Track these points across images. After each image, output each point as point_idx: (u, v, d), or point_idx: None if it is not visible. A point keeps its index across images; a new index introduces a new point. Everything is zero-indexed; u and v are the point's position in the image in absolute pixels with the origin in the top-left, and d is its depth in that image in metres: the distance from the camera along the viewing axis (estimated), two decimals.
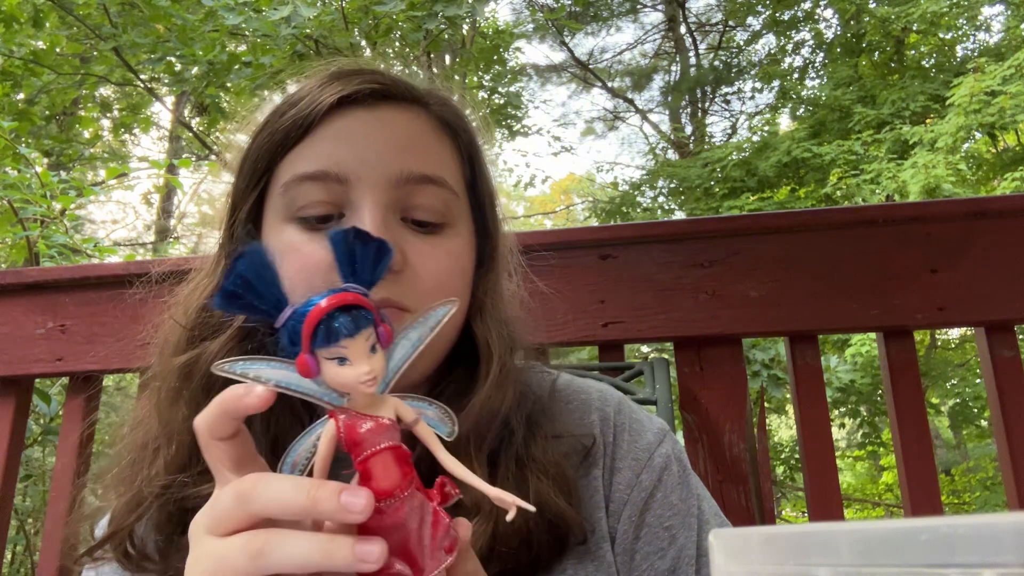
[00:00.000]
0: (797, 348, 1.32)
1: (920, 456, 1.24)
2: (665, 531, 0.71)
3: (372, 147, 0.68)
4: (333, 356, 0.42)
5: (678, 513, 0.72)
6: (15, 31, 5.57)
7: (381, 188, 0.67)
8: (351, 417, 0.44)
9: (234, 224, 0.72)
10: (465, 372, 0.71)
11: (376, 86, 0.71)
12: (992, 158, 9.91)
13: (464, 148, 0.76)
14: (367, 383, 0.42)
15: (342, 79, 0.71)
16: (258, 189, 0.71)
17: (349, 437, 0.43)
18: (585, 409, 0.76)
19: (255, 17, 5.06)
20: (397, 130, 0.71)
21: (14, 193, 3.12)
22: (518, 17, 13.06)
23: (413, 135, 0.71)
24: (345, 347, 0.41)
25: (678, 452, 0.76)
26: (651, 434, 0.76)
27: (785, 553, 0.31)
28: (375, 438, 0.43)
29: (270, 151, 0.70)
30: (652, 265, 1.34)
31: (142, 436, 0.69)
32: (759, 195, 9.53)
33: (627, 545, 0.70)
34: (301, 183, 0.67)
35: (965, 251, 1.30)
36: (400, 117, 0.72)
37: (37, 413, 2.63)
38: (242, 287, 0.42)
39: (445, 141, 0.74)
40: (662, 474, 0.73)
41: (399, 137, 0.70)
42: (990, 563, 0.24)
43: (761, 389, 4.67)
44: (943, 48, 11.31)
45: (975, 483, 9.38)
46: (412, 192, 0.68)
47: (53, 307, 1.47)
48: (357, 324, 0.41)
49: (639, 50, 14.59)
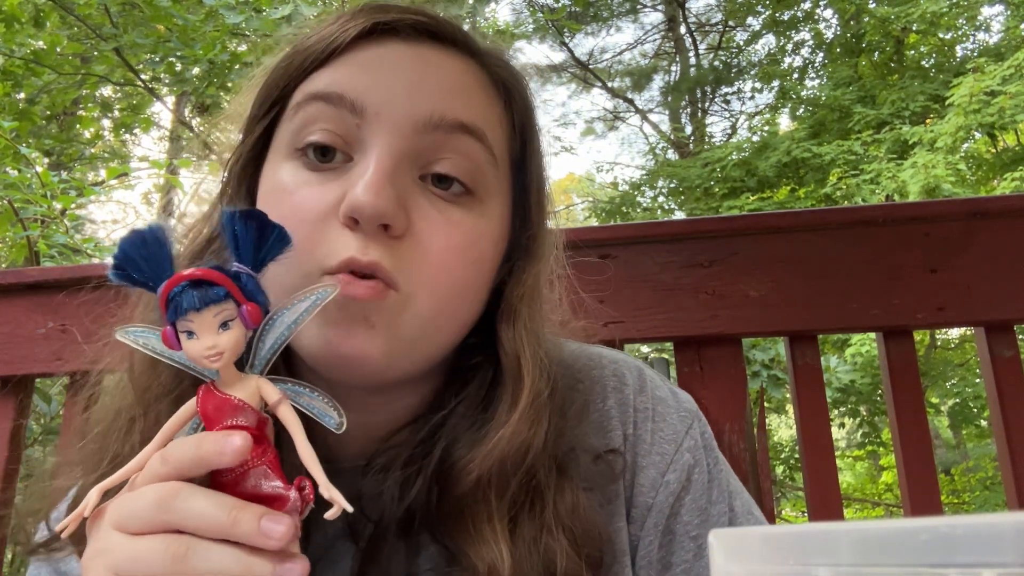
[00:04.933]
0: (797, 348, 1.32)
1: (920, 456, 1.24)
2: (692, 541, 0.61)
3: (402, 80, 0.56)
4: (183, 329, 0.44)
5: (707, 520, 0.62)
6: (16, 31, 5.57)
7: (402, 130, 0.55)
8: (207, 392, 0.46)
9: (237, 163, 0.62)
10: (489, 391, 0.59)
11: (423, 19, 0.59)
12: (992, 158, 9.91)
13: (517, 116, 0.63)
14: (210, 357, 0.43)
15: (381, 10, 0.60)
16: (268, 118, 0.61)
17: (202, 411, 0.45)
18: (600, 393, 0.65)
19: (256, 17, 5.06)
20: (438, 70, 0.58)
21: (14, 193, 3.12)
22: (518, 17, 13.06)
23: (456, 79, 0.59)
24: (191, 320, 0.43)
25: (707, 440, 0.67)
26: (676, 418, 0.66)
27: (785, 553, 0.31)
28: (221, 416, 0.44)
29: (286, 76, 0.60)
30: (652, 265, 1.34)
31: (113, 406, 0.60)
32: (759, 195, 9.53)
33: (652, 557, 0.61)
34: (311, 103, 0.57)
35: (965, 251, 1.30)
36: (445, 59, 0.59)
37: (37, 413, 2.63)
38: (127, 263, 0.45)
39: (495, 100, 0.61)
40: (691, 473, 0.63)
41: (438, 78, 0.58)
42: (990, 563, 0.24)
43: (761, 389, 4.67)
44: (943, 48, 11.30)
45: (975, 483, 9.38)
46: (441, 143, 0.56)
47: (53, 307, 1.47)
48: (204, 299, 0.43)
49: (639, 50, 14.59)
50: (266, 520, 0.41)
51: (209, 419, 0.45)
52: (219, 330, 0.43)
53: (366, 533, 0.57)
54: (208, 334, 0.43)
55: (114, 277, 0.45)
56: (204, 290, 0.43)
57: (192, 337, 0.43)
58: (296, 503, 0.44)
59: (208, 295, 0.43)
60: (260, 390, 0.46)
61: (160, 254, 0.44)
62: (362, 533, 0.57)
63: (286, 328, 0.47)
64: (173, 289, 0.43)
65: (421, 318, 0.55)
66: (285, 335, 0.47)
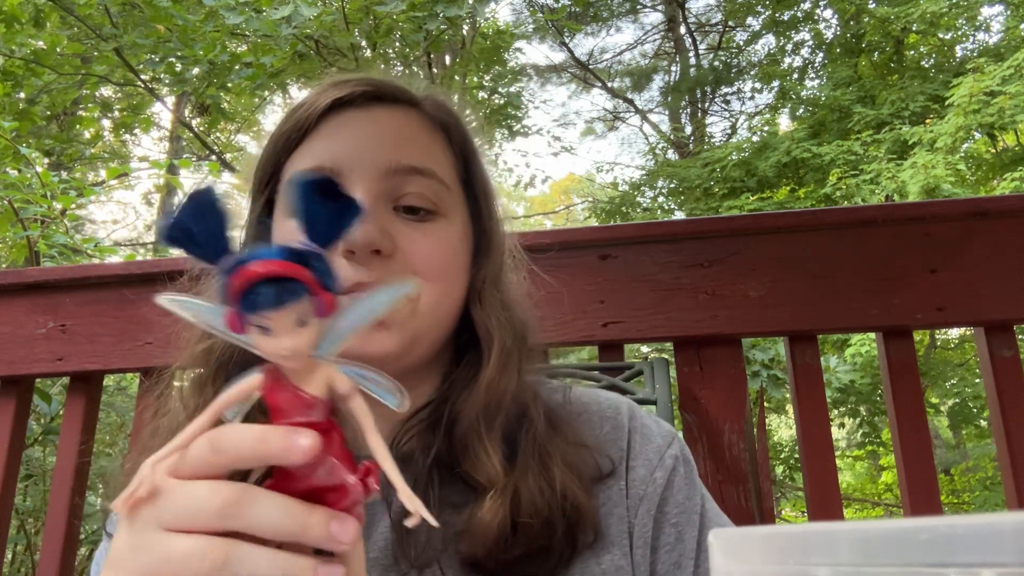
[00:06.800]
0: (797, 348, 1.32)
1: (920, 456, 1.24)
2: (672, 528, 0.73)
3: (363, 142, 0.73)
4: (257, 324, 0.40)
5: (684, 511, 0.74)
6: (16, 31, 5.57)
7: (371, 178, 0.71)
8: (276, 380, 0.43)
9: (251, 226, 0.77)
10: (474, 359, 0.74)
11: (368, 88, 0.76)
12: (991, 158, 9.91)
13: (457, 145, 0.79)
14: (286, 358, 0.41)
15: (337, 85, 0.76)
16: (266, 192, 0.76)
17: (269, 400, 0.43)
18: (598, 421, 0.78)
19: (256, 17, 5.06)
20: (388, 126, 0.75)
21: (14, 193, 3.12)
22: (518, 17, 13.06)
23: (403, 131, 0.75)
24: (269, 319, 0.40)
25: (685, 454, 0.79)
26: (660, 438, 0.78)
27: (785, 553, 0.32)
28: (292, 410, 0.42)
29: (275, 156, 0.76)
30: (652, 265, 1.34)
31: (168, 425, 0.71)
32: (759, 195, 9.53)
33: (646, 539, 0.72)
34: None
35: (965, 251, 1.30)
36: (391, 115, 0.76)
37: (37, 413, 2.63)
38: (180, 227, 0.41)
39: (437, 138, 0.78)
40: (671, 473, 0.75)
41: (389, 133, 0.74)
42: (990, 563, 0.24)
43: (761, 389, 4.67)
44: (943, 48, 11.31)
45: (975, 483, 9.38)
46: (402, 182, 0.72)
47: (53, 307, 1.47)
48: (280, 299, 0.39)
49: (639, 50, 14.61)
50: (335, 524, 0.40)
51: (277, 411, 0.42)
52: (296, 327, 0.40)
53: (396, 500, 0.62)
54: (286, 333, 0.40)
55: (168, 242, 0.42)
56: (280, 288, 0.39)
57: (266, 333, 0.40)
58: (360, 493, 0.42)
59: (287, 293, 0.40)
60: (331, 380, 0.43)
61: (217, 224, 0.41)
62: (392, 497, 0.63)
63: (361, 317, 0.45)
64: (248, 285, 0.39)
65: (424, 311, 0.70)
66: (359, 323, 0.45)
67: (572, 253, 1.36)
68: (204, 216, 0.41)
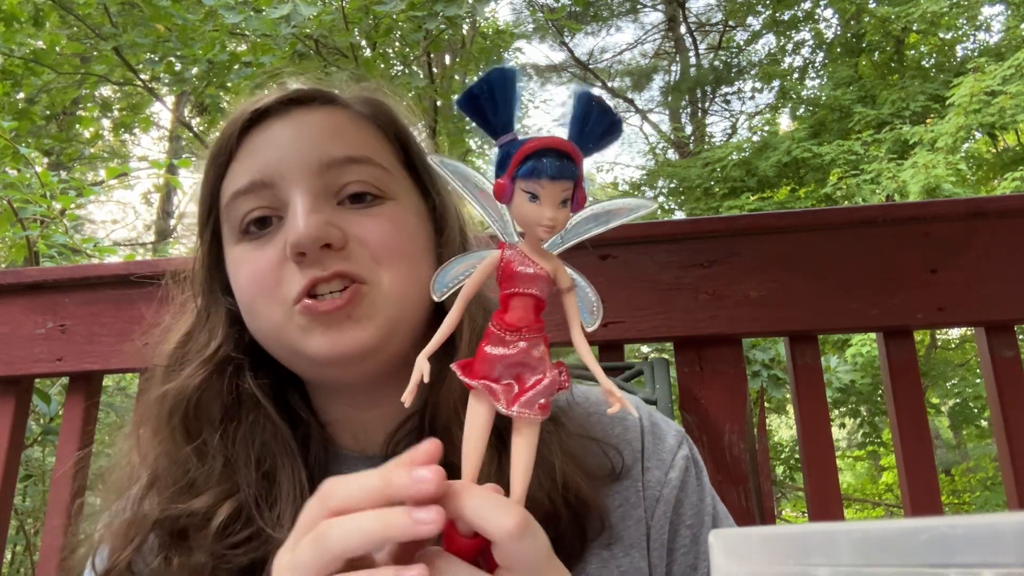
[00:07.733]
0: (797, 348, 1.32)
1: (920, 456, 1.24)
2: (688, 529, 0.73)
3: (289, 146, 0.71)
4: (528, 190, 0.44)
5: (698, 513, 0.74)
6: (15, 30, 5.57)
7: (305, 178, 0.69)
8: (517, 254, 0.47)
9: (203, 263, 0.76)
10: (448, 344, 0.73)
11: (282, 94, 0.74)
12: (992, 158, 9.92)
13: (390, 131, 0.77)
14: (544, 228, 0.44)
15: (253, 102, 0.75)
16: (211, 222, 0.75)
17: (506, 269, 0.47)
18: (609, 422, 0.77)
19: (255, 16, 5.05)
20: (311, 125, 0.73)
21: (14, 193, 3.12)
22: (518, 17, 13.07)
23: (328, 126, 0.73)
24: (542, 186, 0.43)
25: (695, 455, 0.79)
26: (671, 437, 0.78)
27: (785, 553, 0.31)
28: (527, 281, 0.47)
29: (211, 184, 0.75)
30: (652, 265, 1.34)
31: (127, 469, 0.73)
32: (759, 195, 9.53)
33: (663, 541, 0.72)
34: (235, 200, 0.71)
35: (965, 251, 1.30)
36: (312, 115, 0.74)
37: (37, 413, 2.63)
38: (485, 94, 0.44)
39: (366, 127, 0.76)
40: (684, 474, 0.75)
41: (314, 131, 0.73)
42: (990, 563, 0.24)
43: (761, 389, 4.66)
44: (943, 48, 11.31)
45: (975, 483, 9.38)
46: (338, 174, 0.70)
47: (53, 307, 1.47)
48: (561, 171, 0.43)
49: (639, 50, 14.60)
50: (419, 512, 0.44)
51: (512, 278, 0.46)
52: (560, 205, 0.44)
53: None
54: (551, 206, 0.44)
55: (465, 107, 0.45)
56: (564, 163, 0.43)
57: (534, 201, 0.44)
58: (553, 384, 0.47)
59: (567, 169, 0.43)
60: (556, 271, 0.48)
61: (512, 101, 0.44)
62: None
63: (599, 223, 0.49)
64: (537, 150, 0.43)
65: (392, 297, 0.68)
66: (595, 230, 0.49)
67: (572, 253, 1.35)
68: (504, 91, 0.44)
